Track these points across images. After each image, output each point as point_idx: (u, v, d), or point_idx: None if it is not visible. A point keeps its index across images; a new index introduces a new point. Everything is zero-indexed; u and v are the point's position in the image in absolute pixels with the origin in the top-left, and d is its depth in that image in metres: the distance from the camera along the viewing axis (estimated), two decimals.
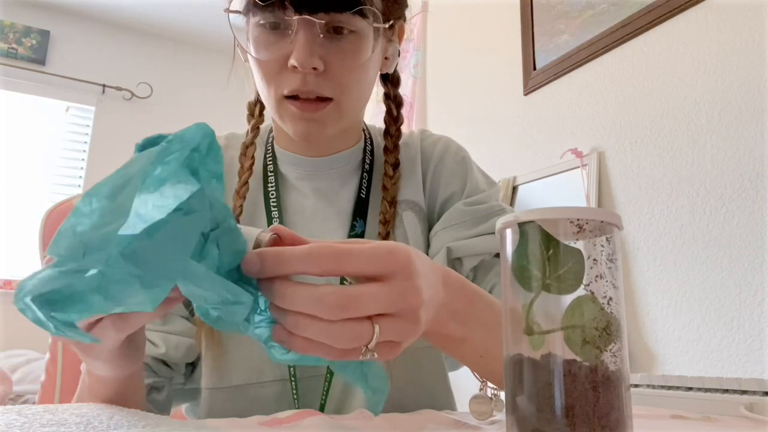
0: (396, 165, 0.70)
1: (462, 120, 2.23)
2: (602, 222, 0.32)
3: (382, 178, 0.69)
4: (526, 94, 1.90)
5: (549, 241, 0.32)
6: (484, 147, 2.04)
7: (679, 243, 1.35)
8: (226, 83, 0.73)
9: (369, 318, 0.33)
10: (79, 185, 3.17)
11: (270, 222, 0.67)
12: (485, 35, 2.17)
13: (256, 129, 0.71)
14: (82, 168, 3.21)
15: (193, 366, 0.66)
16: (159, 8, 3.22)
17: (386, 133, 0.72)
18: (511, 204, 1.84)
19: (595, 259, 0.32)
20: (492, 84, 2.08)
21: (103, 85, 3.27)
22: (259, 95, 0.69)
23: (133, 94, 3.35)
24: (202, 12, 3.17)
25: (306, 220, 0.68)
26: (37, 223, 0.90)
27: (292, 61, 0.57)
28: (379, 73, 0.69)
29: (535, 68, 1.87)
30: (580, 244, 0.32)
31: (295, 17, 0.56)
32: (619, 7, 1.57)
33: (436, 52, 2.50)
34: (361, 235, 0.68)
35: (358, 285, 0.33)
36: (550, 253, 0.32)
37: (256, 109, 0.72)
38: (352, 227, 0.68)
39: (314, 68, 0.57)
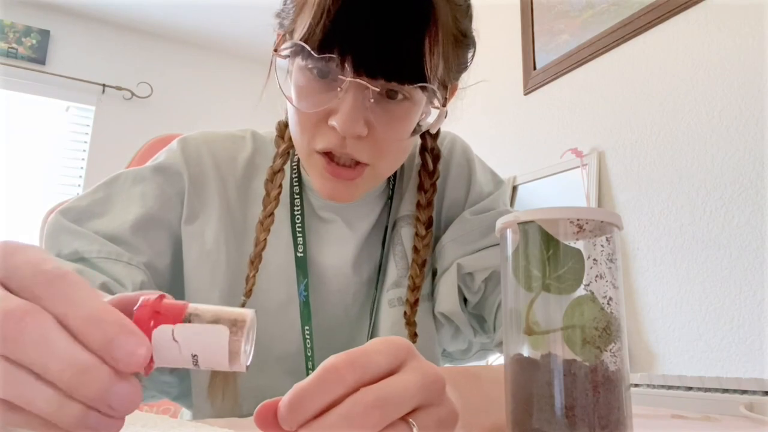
0: (429, 224, 0.65)
1: (462, 120, 2.23)
2: (602, 222, 0.32)
3: (413, 238, 0.65)
4: (526, 94, 1.90)
5: (549, 241, 0.32)
6: (484, 147, 2.04)
7: (679, 243, 1.35)
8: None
9: (403, 419, 0.28)
10: (79, 185, 3.17)
11: (296, 247, 0.64)
12: (485, 35, 2.16)
13: (285, 155, 0.64)
14: (82, 168, 3.20)
15: None
16: (159, 8, 3.21)
17: (420, 188, 0.67)
18: (511, 204, 1.85)
19: (595, 259, 0.32)
20: (492, 84, 2.08)
21: (103, 85, 3.27)
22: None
23: (133, 94, 3.35)
24: (203, 12, 3.16)
25: (330, 245, 0.66)
26: (37, 223, 0.89)
27: (334, 123, 0.52)
28: None
29: (535, 68, 1.87)
30: (580, 244, 0.32)
31: (349, 79, 0.50)
32: (619, 7, 1.57)
33: None
34: (382, 261, 0.67)
35: (383, 382, 0.28)
36: (550, 253, 0.31)
37: (287, 132, 0.64)
38: (371, 254, 0.67)
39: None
